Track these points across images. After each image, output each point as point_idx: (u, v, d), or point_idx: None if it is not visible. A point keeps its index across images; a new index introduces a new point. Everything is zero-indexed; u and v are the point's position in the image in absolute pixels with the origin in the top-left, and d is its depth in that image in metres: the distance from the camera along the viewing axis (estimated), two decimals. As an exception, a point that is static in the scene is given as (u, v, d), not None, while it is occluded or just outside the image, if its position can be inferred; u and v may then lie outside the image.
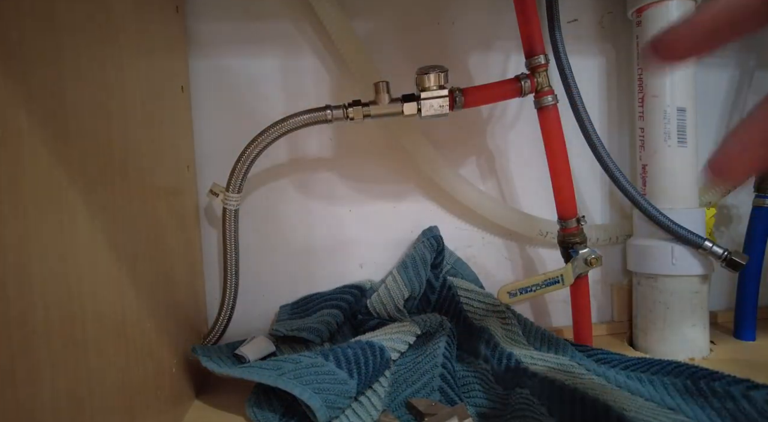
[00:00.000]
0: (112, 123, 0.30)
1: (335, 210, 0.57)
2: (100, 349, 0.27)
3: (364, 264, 0.58)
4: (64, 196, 0.24)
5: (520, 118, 0.59)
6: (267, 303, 0.55)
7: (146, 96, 0.37)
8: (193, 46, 0.52)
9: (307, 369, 0.38)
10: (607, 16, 0.60)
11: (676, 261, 0.50)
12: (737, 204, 0.63)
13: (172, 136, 0.44)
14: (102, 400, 0.26)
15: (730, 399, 0.35)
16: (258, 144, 0.45)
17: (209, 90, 0.53)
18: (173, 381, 0.39)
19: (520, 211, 0.58)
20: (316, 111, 0.44)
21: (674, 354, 0.50)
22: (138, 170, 0.34)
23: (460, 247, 0.59)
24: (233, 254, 0.49)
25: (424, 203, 0.58)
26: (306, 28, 0.54)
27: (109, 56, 0.30)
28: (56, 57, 0.24)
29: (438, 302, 0.55)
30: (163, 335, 0.37)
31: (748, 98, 0.63)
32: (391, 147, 0.57)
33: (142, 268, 0.33)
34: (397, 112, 0.44)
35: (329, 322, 0.49)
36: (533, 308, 0.61)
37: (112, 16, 0.31)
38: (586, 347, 0.48)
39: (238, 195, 0.47)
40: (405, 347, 0.45)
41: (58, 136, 0.24)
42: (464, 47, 0.58)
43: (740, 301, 0.55)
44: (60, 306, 0.23)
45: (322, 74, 0.55)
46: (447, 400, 0.39)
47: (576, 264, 0.48)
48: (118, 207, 0.30)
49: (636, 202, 0.50)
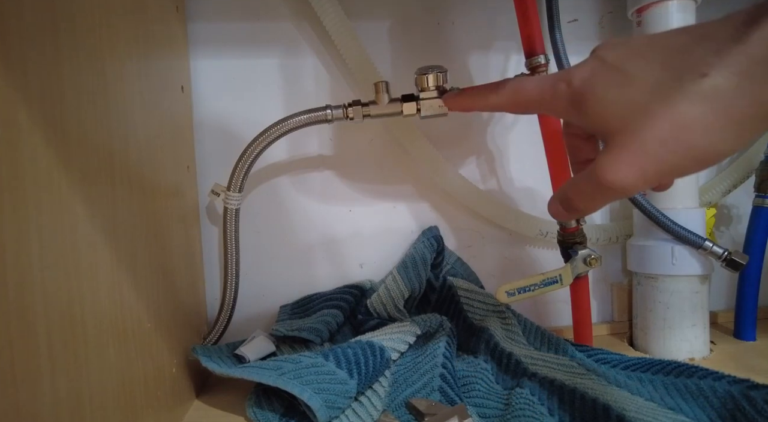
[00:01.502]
0: (112, 122, 0.30)
1: (335, 210, 0.57)
2: (100, 349, 0.27)
3: (364, 264, 0.58)
4: (64, 196, 0.24)
5: (520, 118, 0.59)
6: (267, 303, 0.55)
7: (146, 96, 0.37)
8: (193, 46, 0.52)
9: (307, 369, 0.38)
10: (607, 16, 0.60)
11: (676, 261, 0.50)
12: (737, 204, 0.63)
13: (172, 135, 0.44)
14: (102, 400, 0.26)
15: (730, 399, 0.35)
16: (258, 144, 0.45)
17: (209, 90, 0.53)
18: (173, 381, 0.39)
19: (520, 210, 0.58)
20: (316, 111, 0.44)
21: (674, 354, 0.50)
22: (138, 170, 0.34)
23: (460, 247, 0.59)
24: (234, 254, 0.49)
25: (424, 203, 0.58)
26: (306, 28, 0.54)
27: (109, 56, 0.30)
28: (56, 57, 0.24)
29: (438, 302, 0.55)
30: (163, 335, 0.37)
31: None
32: (391, 147, 0.57)
33: (142, 268, 0.33)
34: (396, 112, 0.44)
35: (329, 322, 0.49)
36: (533, 308, 0.61)
37: (112, 16, 0.31)
38: (586, 347, 0.48)
39: (239, 194, 0.47)
40: (405, 347, 0.45)
41: (58, 136, 0.24)
42: (464, 47, 0.58)
43: (740, 301, 0.55)
44: (60, 306, 0.23)
45: (322, 74, 0.55)
46: (447, 400, 0.39)
47: (575, 264, 0.48)
48: (118, 207, 0.30)
49: (636, 202, 0.50)
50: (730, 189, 0.59)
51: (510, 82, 0.32)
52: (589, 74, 0.26)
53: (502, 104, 0.33)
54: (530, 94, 0.30)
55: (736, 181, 0.58)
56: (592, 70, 0.26)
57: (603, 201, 0.28)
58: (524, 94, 0.30)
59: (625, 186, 0.25)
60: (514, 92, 0.31)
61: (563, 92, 0.27)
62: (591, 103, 0.26)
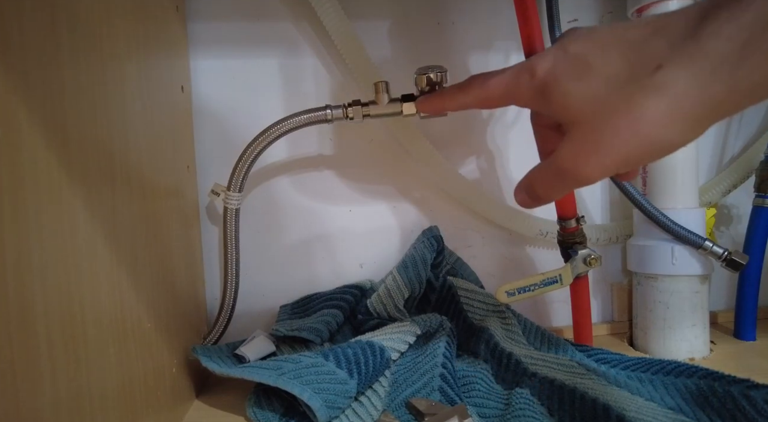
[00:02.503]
0: (112, 123, 0.30)
1: (335, 209, 0.57)
2: (100, 349, 0.27)
3: (364, 264, 0.58)
4: (64, 196, 0.24)
5: (521, 118, 0.59)
6: (267, 303, 0.55)
7: (146, 95, 0.37)
8: (193, 46, 0.52)
9: (308, 368, 0.38)
10: (607, 15, 0.60)
11: (676, 261, 0.50)
12: (737, 204, 0.63)
13: (172, 135, 0.44)
14: (102, 400, 0.26)
15: (730, 399, 0.35)
16: (258, 144, 0.45)
17: (209, 90, 0.53)
18: (173, 381, 0.39)
19: (521, 210, 0.58)
20: (316, 111, 0.44)
21: (674, 354, 0.50)
22: (138, 170, 0.34)
23: (460, 247, 0.59)
24: (234, 253, 0.49)
25: (424, 203, 0.58)
26: (306, 28, 0.54)
27: (109, 56, 0.30)
28: (56, 57, 0.24)
29: (438, 302, 0.55)
30: (163, 335, 0.37)
31: (748, 98, 0.63)
32: (391, 147, 0.57)
33: (142, 268, 0.33)
34: (396, 111, 0.44)
35: (329, 322, 0.49)
36: (533, 308, 0.61)
37: (111, 16, 0.31)
38: (586, 347, 0.48)
39: (239, 194, 0.47)
40: (405, 347, 0.45)
41: (58, 136, 0.24)
42: (464, 47, 0.58)
43: (740, 301, 0.55)
44: (60, 306, 0.23)
45: (322, 74, 0.55)
46: (447, 400, 0.39)
47: (575, 264, 0.48)
48: (118, 207, 0.30)
49: (636, 202, 0.50)
50: (730, 189, 0.59)
51: (476, 80, 0.32)
52: (551, 65, 0.27)
53: (470, 102, 0.33)
54: (496, 89, 0.30)
55: (736, 181, 0.58)
56: (554, 61, 0.27)
57: (563, 189, 0.28)
58: (490, 89, 0.31)
59: (584, 176, 0.26)
60: (480, 89, 0.31)
61: (527, 83, 0.28)
62: (554, 94, 0.26)
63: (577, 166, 0.25)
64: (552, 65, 0.27)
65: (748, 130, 0.63)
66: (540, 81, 0.27)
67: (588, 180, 0.26)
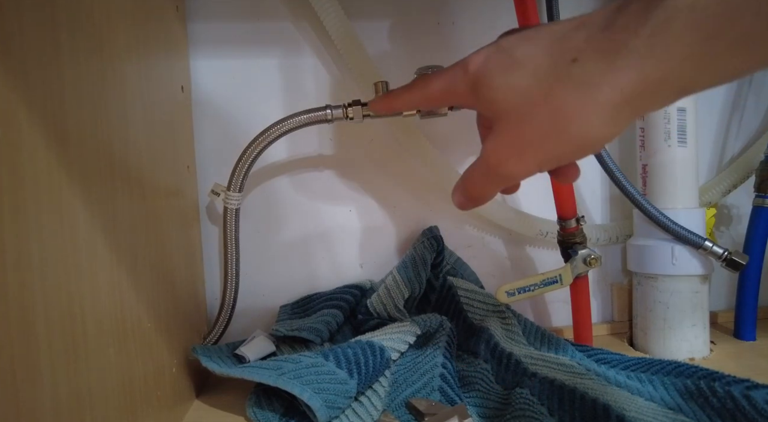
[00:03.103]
0: (112, 123, 0.30)
1: (335, 210, 0.57)
2: (100, 349, 0.27)
3: (364, 264, 0.58)
4: (64, 196, 0.24)
5: (520, 118, 0.59)
6: (267, 303, 0.55)
7: (146, 95, 0.37)
8: (193, 46, 0.52)
9: (308, 369, 0.38)
10: (607, 16, 0.60)
11: (676, 261, 0.50)
12: (737, 204, 0.63)
13: (172, 135, 0.44)
14: (102, 400, 0.26)
15: (730, 399, 0.35)
16: (258, 144, 0.45)
17: (209, 90, 0.53)
18: (173, 381, 0.39)
19: (520, 210, 0.58)
20: (316, 111, 0.44)
21: (674, 354, 0.50)
22: (138, 170, 0.34)
23: (460, 247, 0.59)
24: (234, 253, 0.49)
25: (424, 203, 0.58)
26: (306, 28, 0.54)
27: (108, 56, 0.30)
28: (56, 57, 0.24)
29: (438, 302, 0.55)
30: (163, 335, 0.37)
31: (749, 98, 0.63)
32: (391, 147, 0.57)
33: (142, 268, 0.33)
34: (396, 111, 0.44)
35: (329, 322, 0.49)
36: (533, 308, 0.61)
37: (112, 16, 0.31)
38: (586, 347, 0.48)
39: (239, 194, 0.47)
40: (405, 347, 0.45)
41: (58, 136, 0.24)
42: (464, 47, 0.58)
43: (740, 301, 0.55)
44: (60, 306, 0.23)
45: (322, 74, 0.55)
46: (447, 400, 0.39)
47: (575, 264, 0.48)
48: (118, 207, 0.30)
49: (636, 201, 0.50)
50: (730, 189, 0.59)
51: (421, 78, 0.32)
52: (483, 59, 0.26)
53: (416, 101, 0.33)
54: (435, 87, 0.30)
55: (736, 181, 0.58)
56: (487, 55, 0.26)
57: (494, 187, 0.28)
58: (430, 87, 0.30)
59: (507, 171, 0.25)
60: (422, 87, 0.31)
61: (461, 79, 0.27)
62: (483, 89, 0.26)
63: (500, 161, 0.25)
64: (484, 60, 0.26)
65: (748, 130, 0.63)
66: (472, 76, 0.26)
67: (512, 176, 0.25)
